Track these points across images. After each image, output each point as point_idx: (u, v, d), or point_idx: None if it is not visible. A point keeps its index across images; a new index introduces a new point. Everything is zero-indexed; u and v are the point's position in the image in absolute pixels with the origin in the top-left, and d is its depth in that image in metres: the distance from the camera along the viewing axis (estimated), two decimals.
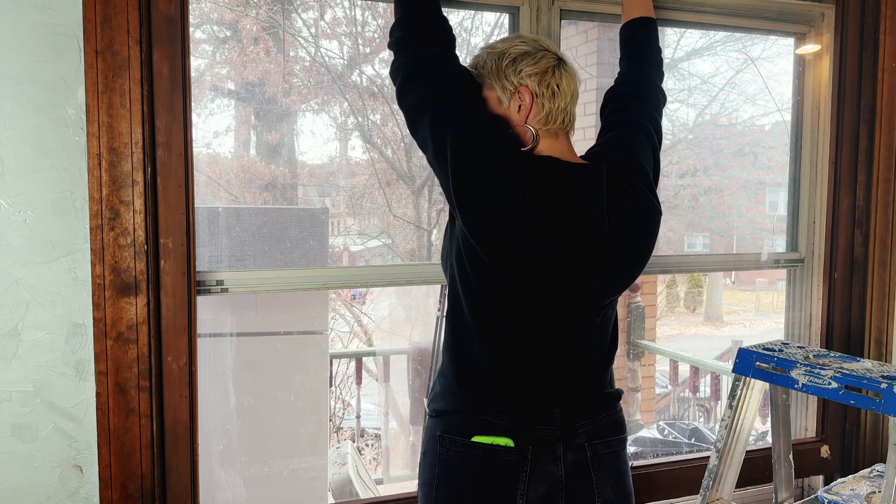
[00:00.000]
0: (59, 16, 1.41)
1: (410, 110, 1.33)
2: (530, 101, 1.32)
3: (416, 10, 1.35)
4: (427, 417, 1.42)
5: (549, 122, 1.33)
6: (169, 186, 1.51)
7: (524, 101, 1.32)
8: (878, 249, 2.09)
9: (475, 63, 1.37)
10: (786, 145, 2.25)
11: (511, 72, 1.33)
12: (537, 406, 1.34)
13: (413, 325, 4.78)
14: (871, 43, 2.06)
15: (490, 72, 1.34)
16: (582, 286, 1.32)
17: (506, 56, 1.33)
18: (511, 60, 1.32)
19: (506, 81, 1.33)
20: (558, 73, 1.34)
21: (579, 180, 1.30)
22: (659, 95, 1.58)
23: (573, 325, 1.36)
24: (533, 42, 1.35)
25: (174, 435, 1.55)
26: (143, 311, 1.47)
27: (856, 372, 1.45)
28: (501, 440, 1.32)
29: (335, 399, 5.17)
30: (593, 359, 1.40)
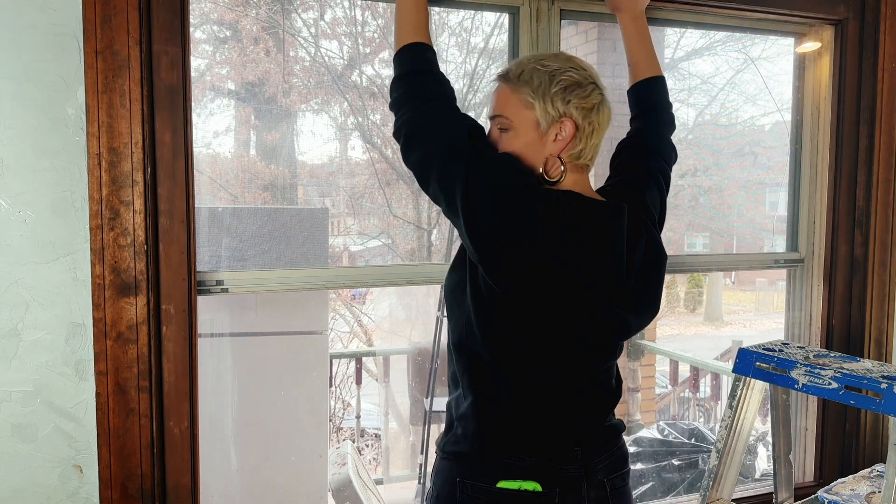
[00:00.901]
0: (59, 16, 1.41)
1: (417, 166, 1.28)
2: (571, 135, 1.26)
3: (415, 68, 1.31)
4: (439, 459, 1.35)
5: (581, 157, 1.28)
6: (169, 188, 1.51)
7: (564, 133, 1.26)
8: (879, 249, 2.10)
9: (518, 72, 1.29)
10: (786, 145, 2.25)
11: (559, 98, 1.25)
12: (562, 445, 1.29)
13: (413, 325, 4.78)
14: (871, 43, 2.06)
15: (535, 89, 1.26)
16: (606, 322, 1.28)
17: (557, 79, 1.26)
18: (563, 87, 1.25)
19: (550, 106, 1.25)
20: (602, 111, 1.29)
21: (602, 218, 1.26)
22: (671, 151, 1.56)
23: (594, 362, 1.32)
24: (584, 72, 1.28)
25: (173, 440, 1.55)
26: (142, 311, 1.47)
27: (856, 372, 1.45)
28: (529, 484, 1.26)
29: (335, 399, 5.18)
30: (607, 393, 1.37)
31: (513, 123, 1.28)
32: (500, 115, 1.29)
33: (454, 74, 3.66)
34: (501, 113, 1.29)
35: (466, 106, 3.70)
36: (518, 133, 1.28)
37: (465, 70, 3.64)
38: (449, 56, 3.65)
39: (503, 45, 3.32)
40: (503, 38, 3.36)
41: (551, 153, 1.27)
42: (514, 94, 1.28)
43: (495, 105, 1.31)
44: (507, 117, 1.28)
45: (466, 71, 3.64)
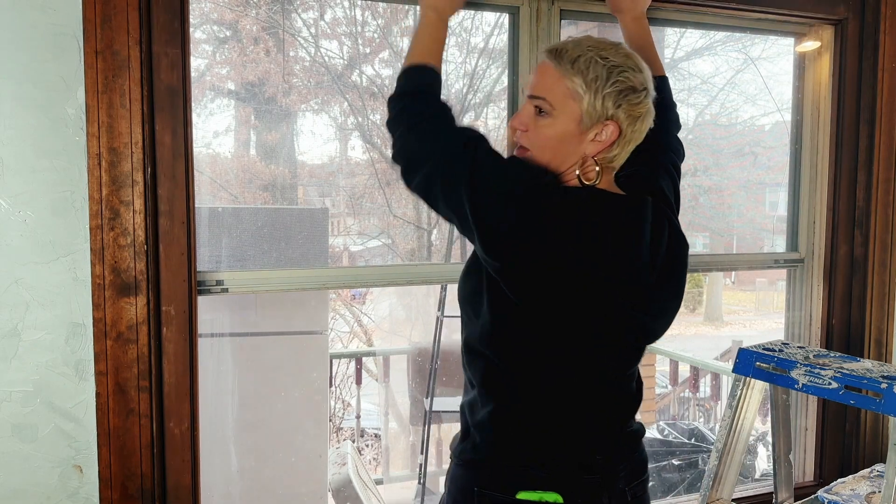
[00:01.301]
0: (59, 16, 1.41)
1: (421, 190, 1.23)
2: (612, 140, 1.18)
3: (414, 88, 1.27)
4: (455, 466, 1.29)
5: (612, 162, 1.22)
6: (169, 188, 1.51)
7: (605, 136, 1.18)
8: (878, 249, 2.09)
9: (574, 56, 1.18)
10: (786, 145, 2.25)
11: (611, 99, 1.17)
12: (582, 453, 1.24)
13: (413, 325, 4.78)
14: (871, 43, 2.06)
15: (589, 82, 1.16)
16: (632, 325, 1.23)
17: (614, 79, 1.17)
18: (618, 90, 1.17)
19: (600, 104, 1.16)
20: (646, 120, 1.22)
21: (624, 213, 1.20)
22: (679, 147, 1.52)
23: (618, 366, 1.27)
24: (640, 75, 1.20)
25: (173, 441, 1.55)
26: (142, 311, 1.47)
27: (856, 372, 1.45)
28: (550, 496, 1.20)
29: (335, 399, 5.18)
30: (629, 398, 1.32)
31: (554, 111, 1.19)
32: (541, 98, 1.20)
33: (454, 74, 3.67)
34: (544, 96, 1.19)
35: (466, 106, 3.70)
36: (556, 122, 1.19)
37: (466, 70, 3.64)
38: (449, 56, 3.65)
39: (503, 45, 3.32)
40: (503, 38, 3.36)
41: (587, 154, 1.20)
42: (563, 80, 1.18)
43: (539, 85, 1.21)
44: (550, 102, 1.19)
45: (466, 71, 3.64)
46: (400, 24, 3.60)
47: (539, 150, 1.21)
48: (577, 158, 1.20)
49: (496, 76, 3.66)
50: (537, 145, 1.21)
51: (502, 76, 3.61)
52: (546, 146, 1.20)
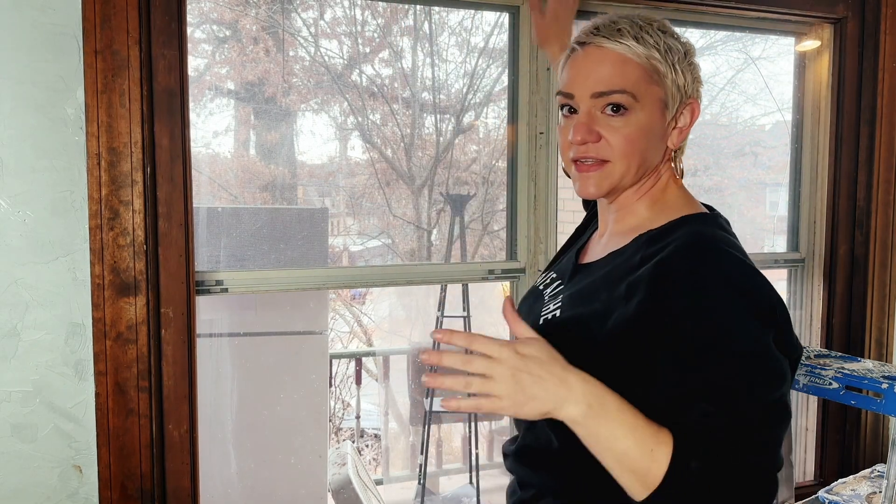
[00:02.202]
0: (59, 16, 1.41)
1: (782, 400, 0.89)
2: (694, 119, 1.01)
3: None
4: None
5: (680, 158, 1.05)
6: (167, 190, 1.51)
7: (685, 119, 1.01)
8: (879, 250, 2.09)
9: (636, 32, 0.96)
10: (786, 145, 2.25)
11: (689, 72, 0.99)
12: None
13: (413, 325, 4.79)
14: (871, 43, 2.06)
15: (664, 55, 0.96)
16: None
17: (685, 48, 0.99)
18: (691, 62, 0.99)
19: (681, 79, 0.98)
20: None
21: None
22: None
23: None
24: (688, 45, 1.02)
25: (173, 444, 1.55)
26: (142, 311, 1.47)
27: (856, 372, 1.45)
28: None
29: (335, 399, 5.17)
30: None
31: (638, 104, 0.96)
32: (618, 91, 0.95)
33: (454, 74, 3.67)
34: (623, 87, 0.95)
35: (466, 105, 3.69)
36: (640, 116, 0.96)
37: (466, 70, 3.64)
38: (449, 56, 3.65)
39: (503, 44, 3.32)
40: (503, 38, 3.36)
41: (670, 147, 1.02)
42: (634, 61, 0.95)
43: (606, 76, 0.96)
44: (634, 93, 0.95)
45: (466, 71, 3.64)
46: (400, 23, 3.60)
47: (624, 157, 0.98)
48: (661, 155, 1.02)
49: (496, 76, 3.66)
50: (621, 152, 0.98)
51: (502, 76, 3.61)
52: (634, 150, 0.98)
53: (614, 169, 0.99)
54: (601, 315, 0.95)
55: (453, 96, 3.68)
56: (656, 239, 0.97)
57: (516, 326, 0.88)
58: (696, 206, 1.04)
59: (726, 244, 0.93)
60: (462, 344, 0.85)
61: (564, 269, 1.15)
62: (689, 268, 0.89)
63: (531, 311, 1.12)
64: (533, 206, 1.86)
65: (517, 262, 1.87)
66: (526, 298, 1.20)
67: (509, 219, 1.91)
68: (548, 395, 0.82)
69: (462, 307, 3.84)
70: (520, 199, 1.86)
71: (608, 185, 1.00)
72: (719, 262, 0.89)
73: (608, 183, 1.00)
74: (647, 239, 0.98)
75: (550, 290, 1.12)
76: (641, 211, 1.04)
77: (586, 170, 1.00)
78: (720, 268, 0.89)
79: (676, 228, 0.97)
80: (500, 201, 3.86)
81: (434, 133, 3.67)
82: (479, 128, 3.87)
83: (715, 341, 0.85)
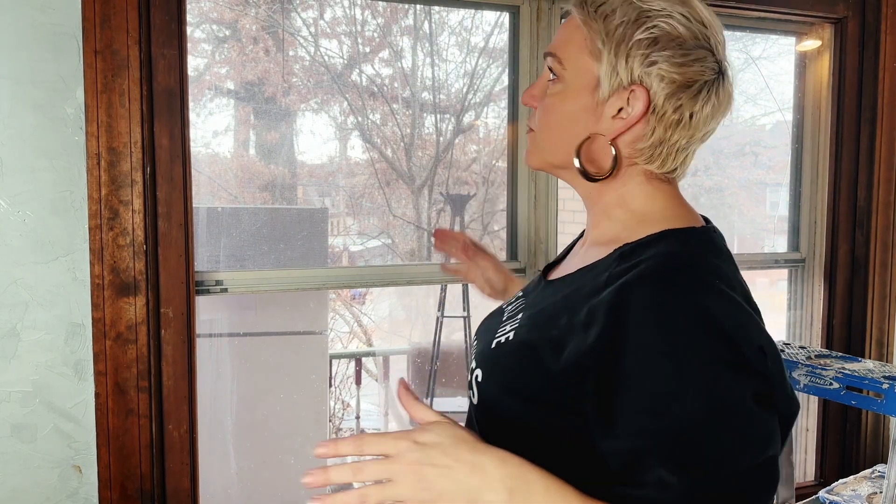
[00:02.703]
0: (59, 15, 1.41)
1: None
2: (640, 115, 0.82)
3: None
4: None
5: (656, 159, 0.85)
6: (167, 191, 1.51)
7: (631, 110, 0.82)
8: (880, 250, 2.09)
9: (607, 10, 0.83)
10: (787, 145, 2.24)
11: (639, 55, 0.81)
12: None
13: (413, 325, 4.78)
14: (871, 42, 2.06)
15: (610, 32, 0.82)
16: None
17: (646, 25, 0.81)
18: (651, 40, 0.80)
19: (623, 63, 0.81)
20: (709, 95, 0.83)
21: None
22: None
23: None
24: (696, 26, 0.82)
25: (172, 444, 1.55)
26: (142, 311, 1.47)
27: (857, 372, 1.45)
28: None
29: (334, 399, 5.17)
30: None
31: (565, 72, 0.85)
32: (552, 54, 0.87)
33: (454, 74, 3.66)
34: (555, 52, 0.87)
35: (466, 105, 3.69)
36: (567, 90, 0.86)
37: (466, 70, 3.64)
38: (449, 55, 3.65)
39: (503, 44, 3.31)
40: (503, 38, 3.36)
41: (605, 133, 0.84)
42: (581, 29, 0.84)
43: (554, 38, 0.89)
44: (561, 59, 0.86)
45: (466, 70, 3.64)
46: (400, 23, 3.60)
47: (543, 130, 0.89)
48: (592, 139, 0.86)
49: (496, 76, 3.66)
50: (544, 124, 0.89)
51: (503, 76, 3.61)
52: (551, 124, 0.88)
53: (537, 139, 0.90)
54: (556, 344, 0.79)
55: (453, 96, 3.67)
56: (628, 255, 0.82)
57: (413, 410, 0.74)
58: (684, 217, 0.87)
59: (707, 270, 0.77)
60: (350, 452, 0.74)
61: (532, 284, 1.00)
62: (653, 298, 0.73)
63: (488, 332, 0.95)
64: (533, 206, 1.86)
65: (517, 262, 1.87)
66: (488, 317, 1.03)
67: (509, 219, 1.91)
68: (459, 487, 0.69)
69: (462, 307, 3.84)
70: (520, 199, 1.86)
71: (534, 158, 0.92)
72: (692, 293, 0.74)
73: (533, 155, 0.92)
74: (620, 255, 0.82)
75: (512, 307, 0.97)
76: (619, 217, 0.88)
77: (529, 138, 0.94)
78: (693, 301, 0.73)
79: (653, 244, 0.81)
80: (500, 201, 3.85)
81: (434, 133, 3.67)
82: (479, 128, 3.87)
83: (676, 394, 0.70)
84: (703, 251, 0.82)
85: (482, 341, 0.94)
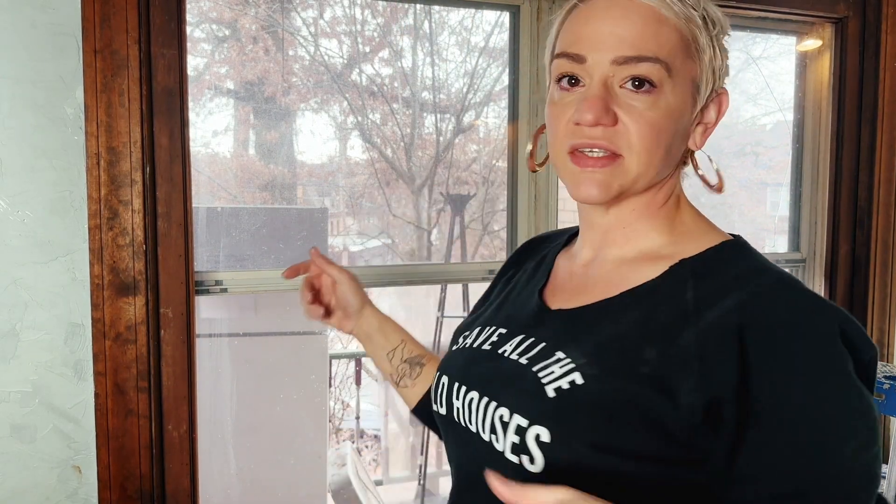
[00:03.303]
0: (58, 15, 1.40)
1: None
2: (716, 121, 0.79)
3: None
4: None
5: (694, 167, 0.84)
6: (167, 191, 1.50)
7: (713, 113, 0.78)
8: (880, 250, 2.09)
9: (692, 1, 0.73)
10: (787, 145, 2.24)
11: (726, 55, 0.76)
12: None
13: (413, 326, 4.77)
14: (872, 42, 2.06)
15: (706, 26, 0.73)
16: None
17: (719, 19, 0.75)
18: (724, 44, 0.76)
19: (721, 61, 0.75)
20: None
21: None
22: None
23: None
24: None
25: (172, 444, 1.54)
26: (141, 311, 1.46)
27: None
28: None
29: (334, 400, 5.17)
30: None
31: (671, 78, 0.71)
32: (651, 59, 0.70)
33: (454, 73, 3.66)
34: (656, 54, 0.71)
35: (466, 105, 3.69)
36: (671, 99, 0.72)
37: (466, 69, 3.63)
38: (449, 55, 3.64)
39: (503, 44, 3.31)
40: (504, 37, 3.35)
41: (691, 148, 0.79)
42: (670, 23, 0.71)
43: (630, 35, 0.71)
44: (668, 63, 0.71)
45: (466, 70, 3.63)
46: (400, 22, 3.60)
47: (646, 151, 0.73)
48: (679, 159, 0.80)
49: (496, 75, 3.65)
50: (643, 144, 0.73)
51: (503, 75, 3.61)
52: (659, 142, 0.73)
53: (629, 166, 0.74)
54: (656, 383, 0.67)
55: (453, 96, 3.67)
56: (701, 272, 0.73)
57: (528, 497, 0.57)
58: (719, 229, 0.83)
59: (809, 290, 0.73)
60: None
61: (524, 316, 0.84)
62: (795, 321, 0.66)
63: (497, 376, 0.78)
64: (533, 206, 1.85)
65: None
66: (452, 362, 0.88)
67: (509, 219, 1.91)
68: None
69: (462, 307, 3.84)
70: (520, 199, 1.86)
71: (618, 188, 0.75)
72: (822, 313, 0.68)
73: (618, 184, 0.74)
74: (693, 272, 0.74)
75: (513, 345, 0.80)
76: (655, 233, 0.80)
77: (591, 164, 0.73)
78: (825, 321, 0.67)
79: (729, 258, 0.75)
80: (500, 201, 3.85)
81: (434, 133, 3.67)
82: (479, 127, 3.86)
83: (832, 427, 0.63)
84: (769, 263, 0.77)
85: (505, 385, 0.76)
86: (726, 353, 0.65)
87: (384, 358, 1.12)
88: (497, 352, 0.81)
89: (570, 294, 0.82)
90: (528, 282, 0.90)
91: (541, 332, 0.79)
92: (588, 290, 0.80)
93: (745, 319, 0.66)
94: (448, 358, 0.90)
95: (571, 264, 0.87)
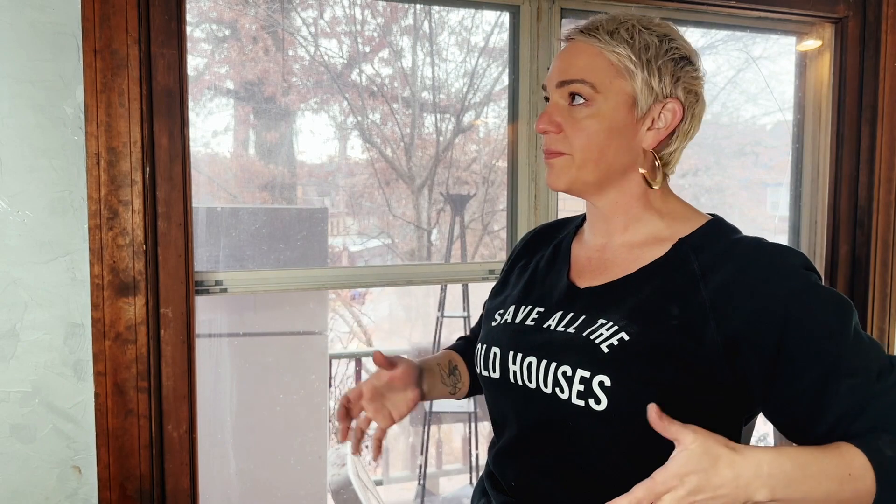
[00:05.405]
0: (58, 15, 1.40)
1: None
2: (675, 124, 0.97)
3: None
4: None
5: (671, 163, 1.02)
6: (167, 191, 1.50)
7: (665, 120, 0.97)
8: (880, 249, 2.09)
9: (613, 27, 0.96)
10: (787, 145, 2.24)
11: (669, 71, 0.96)
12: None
13: (413, 326, 4.78)
14: (872, 42, 2.06)
15: (638, 52, 0.94)
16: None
17: (667, 46, 0.96)
18: (674, 59, 0.96)
19: (657, 78, 0.95)
20: (702, 102, 1.01)
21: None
22: None
23: None
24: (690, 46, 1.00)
25: (172, 444, 1.54)
26: (141, 311, 1.46)
27: None
28: None
29: (334, 400, 5.17)
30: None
31: (598, 95, 0.95)
32: (579, 80, 0.95)
33: (454, 73, 3.66)
34: (582, 77, 0.95)
35: (466, 105, 3.69)
36: (603, 110, 0.95)
37: (466, 69, 3.63)
38: (449, 55, 3.65)
39: (503, 43, 3.32)
40: (503, 37, 3.36)
41: (644, 147, 0.98)
42: (603, 54, 0.95)
43: (570, 66, 0.97)
44: (593, 84, 0.95)
45: (466, 70, 3.63)
46: (400, 22, 3.60)
47: (583, 150, 0.96)
48: (632, 156, 0.98)
49: (496, 75, 3.65)
50: (580, 145, 0.96)
51: (503, 75, 3.61)
52: (592, 144, 0.96)
53: (572, 161, 0.97)
54: (685, 330, 0.89)
55: (453, 96, 3.67)
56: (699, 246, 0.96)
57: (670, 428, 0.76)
58: (700, 211, 1.04)
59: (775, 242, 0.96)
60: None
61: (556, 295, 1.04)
62: (785, 264, 0.90)
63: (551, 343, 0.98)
64: (533, 206, 1.85)
65: None
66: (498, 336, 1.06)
67: (509, 219, 1.91)
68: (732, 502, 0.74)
69: (462, 307, 3.83)
70: (520, 199, 1.86)
71: (566, 179, 0.99)
72: (789, 254, 0.92)
73: (566, 176, 0.98)
74: (692, 247, 0.96)
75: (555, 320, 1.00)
76: (652, 220, 1.01)
77: (548, 160, 0.99)
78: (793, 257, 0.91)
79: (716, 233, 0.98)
80: (500, 201, 3.85)
81: (434, 133, 3.67)
82: (479, 127, 3.86)
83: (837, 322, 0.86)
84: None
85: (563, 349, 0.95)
86: (734, 303, 0.88)
87: (438, 387, 1.24)
88: (543, 326, 1.01)
89: (594, 274, 1.03)
90: (549, 266, 1.10)
91: (577, 307, 1.00)
92: (609, 270, 1.01)
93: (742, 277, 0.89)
94: (491, 332, 1.08)
95: (587, 250, 1.07)
